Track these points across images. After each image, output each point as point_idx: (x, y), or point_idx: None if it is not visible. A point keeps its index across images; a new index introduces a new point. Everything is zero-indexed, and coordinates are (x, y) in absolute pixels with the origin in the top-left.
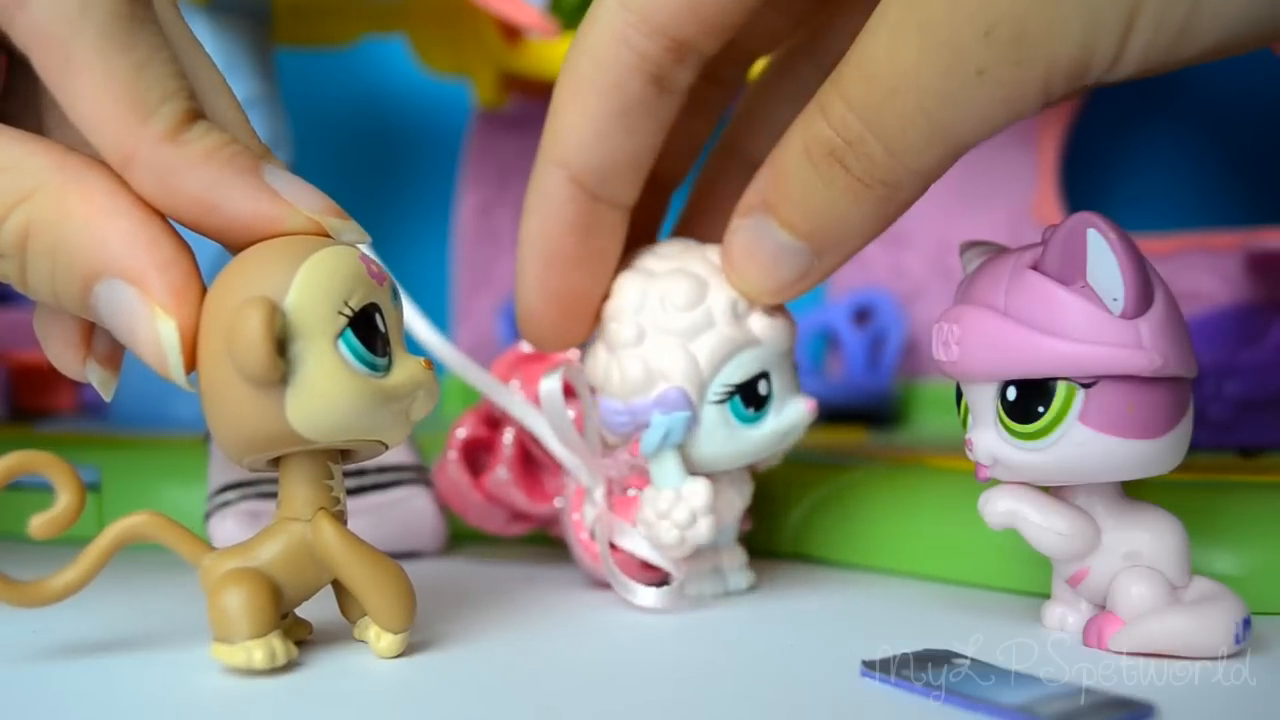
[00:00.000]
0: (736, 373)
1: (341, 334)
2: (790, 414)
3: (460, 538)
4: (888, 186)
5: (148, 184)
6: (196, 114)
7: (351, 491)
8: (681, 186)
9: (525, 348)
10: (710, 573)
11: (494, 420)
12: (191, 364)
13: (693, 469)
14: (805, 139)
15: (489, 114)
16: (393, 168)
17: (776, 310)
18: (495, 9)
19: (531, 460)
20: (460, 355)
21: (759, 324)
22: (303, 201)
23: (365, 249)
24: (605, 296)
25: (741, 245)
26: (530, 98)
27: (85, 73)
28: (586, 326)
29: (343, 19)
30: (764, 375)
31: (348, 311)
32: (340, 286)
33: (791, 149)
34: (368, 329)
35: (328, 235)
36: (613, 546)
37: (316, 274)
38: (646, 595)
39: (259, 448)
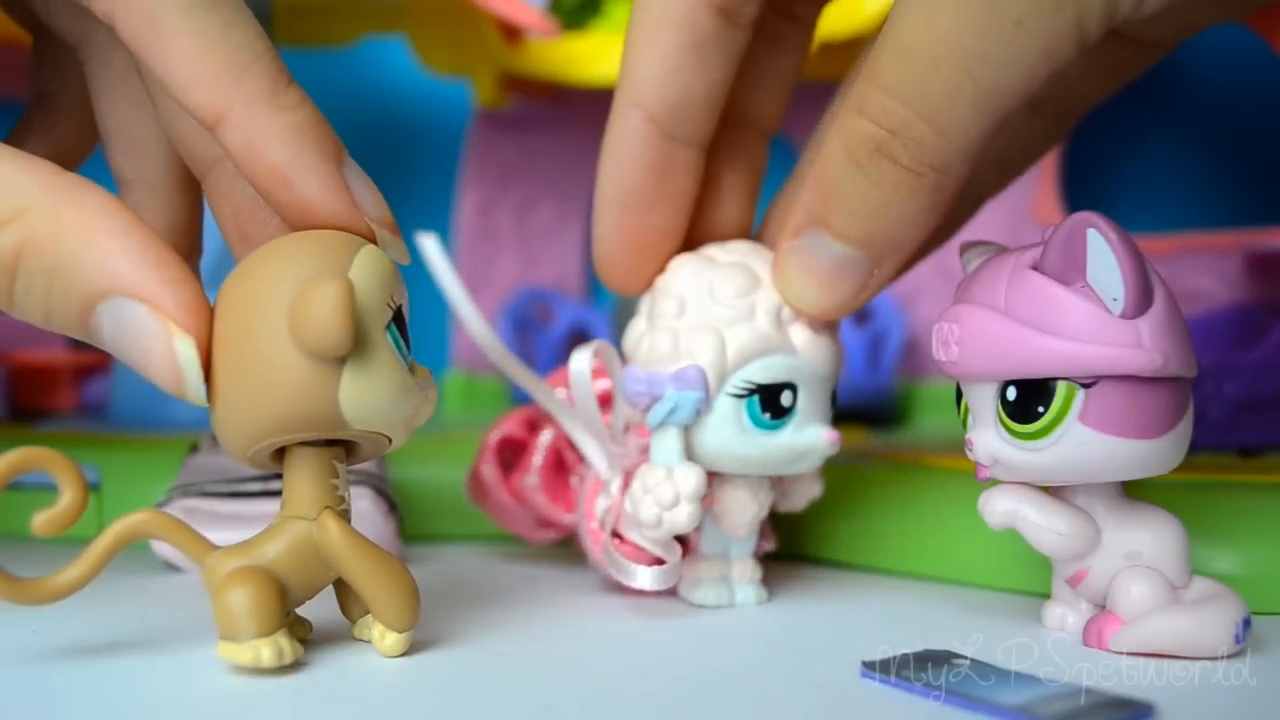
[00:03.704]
0: (762, 373)
1: (388, 326)
2: (809, 437)
3: (440, 539)
4: (938, 172)
5: (234, 144)
6: (289, 77)
7: None
8: (776, 135)
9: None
10: (717, 581)
11: (534, 423)
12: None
13: (702, 464)
14: (845, 142)
15: (489, 114)
16: (393, 168)
17: (825, 330)
18: (495, 9)
19: (563, 468)
20: (494, 339)
21: (800, 335)
22: (367, 205)
23: None
24: (681, 239)
25: (797, 265)
26: (530, 98)
27: (173, 34)
28: (662, 269)
29: (343, 19)
30: (790, 386)
31: (393, 305)
32: (388, 280)
33: (833, 158)
34: (401, 327)
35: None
36: (618, 537)
37: (370, 264)
38: (644, 576)
39: (291, 428)
